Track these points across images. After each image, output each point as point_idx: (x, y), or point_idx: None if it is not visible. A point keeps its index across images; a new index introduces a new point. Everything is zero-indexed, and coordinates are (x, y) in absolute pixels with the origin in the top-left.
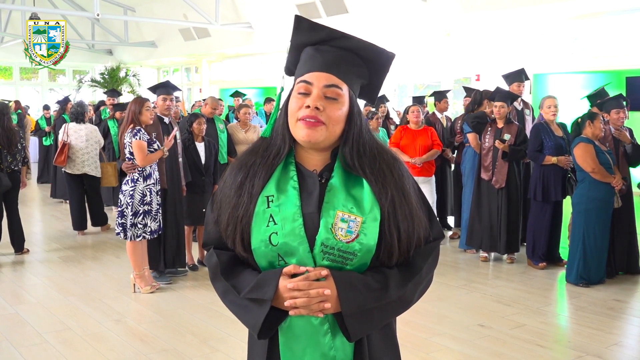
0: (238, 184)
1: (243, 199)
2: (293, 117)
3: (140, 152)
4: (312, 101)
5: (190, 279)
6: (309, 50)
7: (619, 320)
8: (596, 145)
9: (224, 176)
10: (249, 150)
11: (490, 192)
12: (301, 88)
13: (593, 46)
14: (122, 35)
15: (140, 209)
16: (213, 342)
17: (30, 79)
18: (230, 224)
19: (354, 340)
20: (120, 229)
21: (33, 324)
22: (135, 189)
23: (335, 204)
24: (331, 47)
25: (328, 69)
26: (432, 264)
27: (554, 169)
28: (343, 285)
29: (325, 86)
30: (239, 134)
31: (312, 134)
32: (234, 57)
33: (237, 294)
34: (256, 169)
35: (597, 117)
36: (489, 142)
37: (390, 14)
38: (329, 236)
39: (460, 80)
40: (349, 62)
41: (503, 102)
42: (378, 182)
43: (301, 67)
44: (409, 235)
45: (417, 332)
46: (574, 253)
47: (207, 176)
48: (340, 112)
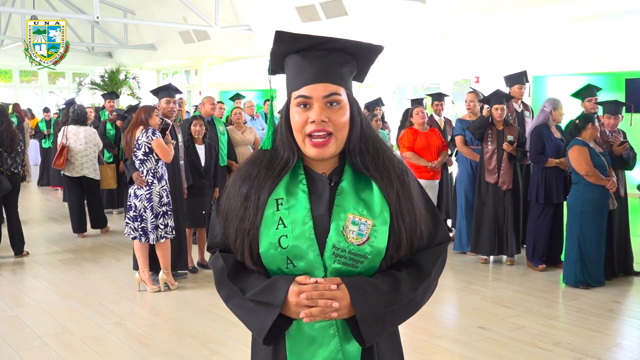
0: (244, 196)
1: (249, 211)
2: (300, 133)
3: (163, 148)
4: (317, 116)
5: (190, 281)
6: (295, 58)
7: (619, 322)
8: (591, 148)
9: (227, 187)
10: (250, 160)
11: (496, 195)
12: (300, 102)
13: (592, 48)
14: (122, 37)
15: (161, 210)
16: (213, 345)
17: (30, 82)
18: (238, 237)
19: (368, 345)
20: (140, 232)
21: (32, 326)
22: (153, 192)
23: (346, 207)
24: (317, 51)
25: (323, 78)
26: (440, 267)
27: (556, 171)
28: (355, 291)
29: (324, 97)
30: (236, 135)
31: (323, 152)
32: (234, 59)
33: (243, 296)
34: (261, 182)
35: (595, 119)
36: (492, 145)
37: (389, 17)
38: (340, 239)
39: (460, 82)
40: (339, 64)
41: (500, 104)
42: (384, 177)
43: (293, 78)
44: (412, 227)
45: (417, 335)
46: (570, 255)
47: (207, 179)
48: (344, 117)
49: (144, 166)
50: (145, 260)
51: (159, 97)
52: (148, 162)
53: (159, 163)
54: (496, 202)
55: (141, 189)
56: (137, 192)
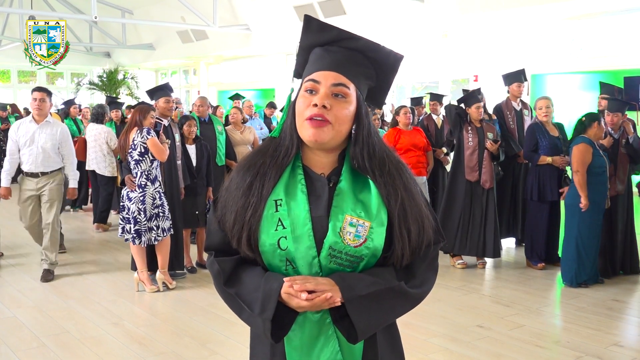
0: (247, 184)
1: (252, 199)
2: (300, 117)
3: (158, 148)
4: (320, 99)
5: (188, 282)
6: (318, 50)
7: (618, 321)
8: (595, 148)
9: (231, 176)
10: (257, 150)
11: (475, 194)
12: (308, 86)
13: (591, 46)
14: (120, 37)
15: (154, 212)
16: (212, 345)
17: (28, 82)
18: (236, 224)
19: (360, 339)
20: (134, 235)
21: (31, 327)
22: (146, 194)
23: (344, 208)
24: (340, 48)
25: (336, 68)
26: (431, 265)
27: (550, 168)
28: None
29: (333, 85)
30: (236, 135)
31: (318, 134)
32: (232, 59)
33: (241, 302)
34: (266, 169)
35: (601, 117)
36: (473, 142)
37: (387, 15)
38: (337, 240)
39: (459, 81)
40: (357, 63)
41: (479, 102)
42: (388, 185)
43: (309, 67)
44: (419, 236)
45: (415, 334)
46: (568, 254)
47: (199, 179)
48: (347, 112)
49: (138, 167)
50: (143, 260)
51: (156, 98)
52: (143, 162)
53: (154, 164)
54: (474, 201)
55: (134, 192)
56: (131, 195)
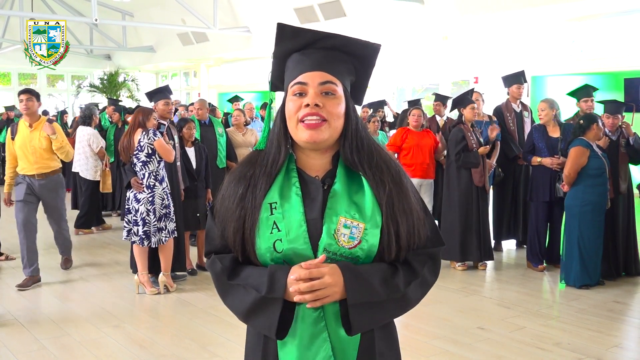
0: (240, 196)
1: (247, 210)
2: (292, 120)
3: (165, 148)
4: (311, 99)
5: (189, 284)
6: (296, 56)
7: (619, 322)
8: (593, 150)
9: (222, 188)
10: (245, 161)
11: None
12: (296, 89)
13: (591, 48)
14: (121, 40)
15: (163, 212)
16: (212, 347)
17: (29, 85)
18: (237, 237)
19: (353, 333)
20: (142, 236)
21: (31, 330)
22: (155, 194)
23: (338, 210)
24: (317, 49)
25: (320, 67)
26: (432, 270)
27: (542, 169)
28: (349, 275)
29: (320, 83)
30: (237, 137)
31: (316, 135)
32: (233, 61)
33: (243, 296)
34: (256, 180)
35: (599, 119)
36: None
37: (388, 17)
38: (331, 242)
39: (459, 82)
40: (337, 60)
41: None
42: (376, 177)
43: (290, 73)
44: (408, 230)
45: (416, 336)
46: (570, 256)
47: (199, 181)
48: (339, 108)
49: (145, 168)
50: (144, 263)
51: (155, 100)
52: (150, 164)
53: (161, 164)
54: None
55: (142, 193)
56: (139, 196)
